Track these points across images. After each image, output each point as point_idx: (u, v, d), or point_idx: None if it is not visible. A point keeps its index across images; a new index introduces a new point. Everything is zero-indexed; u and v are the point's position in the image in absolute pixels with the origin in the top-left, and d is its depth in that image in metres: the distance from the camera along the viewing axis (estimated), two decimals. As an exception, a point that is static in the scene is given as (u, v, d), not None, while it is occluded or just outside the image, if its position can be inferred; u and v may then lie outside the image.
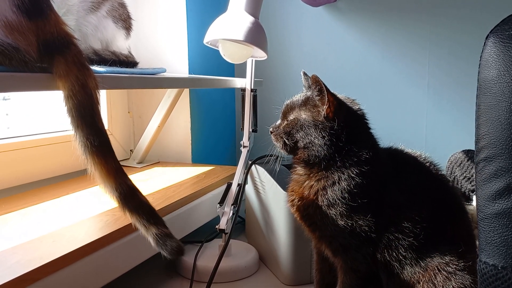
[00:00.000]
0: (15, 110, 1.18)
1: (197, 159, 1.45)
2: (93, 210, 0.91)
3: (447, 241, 0.71)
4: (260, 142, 0.81)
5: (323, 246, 0.77)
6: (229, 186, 1.05)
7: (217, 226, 1.00)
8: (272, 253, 1.05)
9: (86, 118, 0.64)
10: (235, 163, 1.15)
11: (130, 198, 0.68)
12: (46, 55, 0.63)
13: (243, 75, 1.17)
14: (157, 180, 1.19)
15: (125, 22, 1.08)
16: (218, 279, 0.97)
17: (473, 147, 0.54)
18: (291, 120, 0.76)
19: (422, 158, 0.78)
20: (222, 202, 1.03)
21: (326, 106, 0.72)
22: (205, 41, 1.00)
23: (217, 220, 1.02)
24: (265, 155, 1.18)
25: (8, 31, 0.59)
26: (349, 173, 0.71)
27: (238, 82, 1.26)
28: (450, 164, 1.17)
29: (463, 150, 1.17)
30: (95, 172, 0.66)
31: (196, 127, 1.44)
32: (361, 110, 0.78)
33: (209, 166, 1.36)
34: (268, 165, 1.10)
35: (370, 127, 0.78)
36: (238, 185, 1.05)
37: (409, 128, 1.46)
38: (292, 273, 0.99)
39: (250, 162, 1.13)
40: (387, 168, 0.75)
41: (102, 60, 0.96)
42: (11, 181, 1.03)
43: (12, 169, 1.03)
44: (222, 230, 0.99)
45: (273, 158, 0.82)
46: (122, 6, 1.08)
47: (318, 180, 0.74)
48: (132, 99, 1.44)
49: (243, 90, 1.17)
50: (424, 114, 1.45)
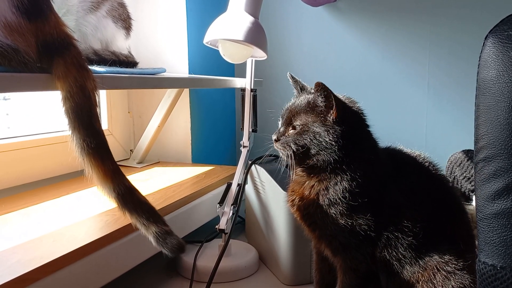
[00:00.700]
0: (16, 110, 1.18)
1: (197, 159, 1.45)
2: (93, 210, 0.91)
3: (447, 240, 0.71)
4: (260, 142, 0.80)
5: (323, 246, 0.78)
6: (229, 186, 1.05)
7: (217, 226, 1.00)
8: (272, 253, 1.05)
9: (83, 120, 0.64)
10: (235, 163, 1.15)
11: (128, 198, 0.68)
12: (46, 56, 0.63)
13: (243, 75, 1.17)
14: (157, 180, 1.19)
15: (125, 22, 1.08)
16: (218, 279, 0.97)
17: (473, 147, 0.54)
18: (300, 127, 0.73)
19: (421, 158, 0.78)
20: (222, 202, 1.03)
21: (334, 111, 0.72)
22: (205, 41, 1.00)
23: (217, 220, 1.03)
24: (267, 155, 1.19)
25: (7, 32, 0.58)
26: (351, 173, 0.71)
27: (238, 82, 1.26)
28: (450, 164, 1.17)
29: (463, 150, 1.17)
30: (93, 173, 0.66)
31: (196, 127, 1.44)
32: (360, 109, 0.78)
33: (209, 166, 1.37)
34: (268, 165, 1.10)
35: (369, 126, 0.78)
36: (238, 185, 1.05)
37: (409, 128, 1.46)
38: (292, 273, 0.99)
39: (250, 162, 1.13)
40: (387, 168, 0.75)
41: (102, 60, 0.96)
42: (12, 181, 1.03)
43: (12, 169, 1.03)
44: (222, 230, 0.99)
45: (282, 160, 0.78)
46: (122, 6, 1.09)
47: (320, 181, 0.74)
48: (132, 99, 1.44)
49: (243, 90, 1.17)
50: (424, 114, 1.45)
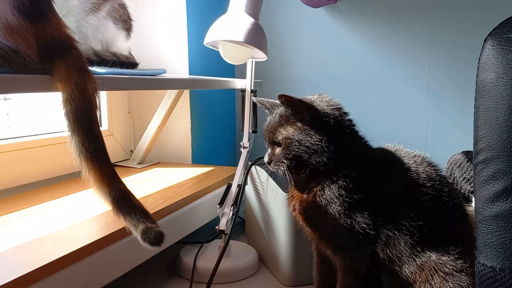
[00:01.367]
0: (16, 110, 1.18)
1: (197, 160, 1.45)
2: (93, 210, 0.91)
3: (445, 241, 0.71)
4: (260, 143, 0.80)
5: (323, 246, 0.78)
6: (229, 187, 1.05)
7: (217, 227, 1.00)
8: (271, 254, 1.05)
9: (83, 123, 0.64)
10: (235, 164, 1.15)
11: (123, 202, 0.69)
12: (46, 58, 0.63)
13: (243, 76, 1.18)
14: (157, 180, 1.19)
15: (125, 23, 1.08)
16: (217, 280, 0.97)
17: (472, 148, 0.54)
18: (284, 141, 0.74)
19: (419, 158, 0.78)
20: (222, 202, 1.03)
21: (304, 114, 0.73)
22: (205, 42, 1.01)
23: (217, 220, 1.03)
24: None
25: (8, 34, 0.58)
26: (344, 171, 0.72)
27: (238, 83, 1.26)
28: (450, 165, 1.17)
29: (463, 151, 1.18)
30: (89, 177, 0.66)
31: (196, 128, 1.44)
32: (338, 106, 0.77)
33: (209, 166, 1.37)
34: (268, 166, 1.10)
35: (353, 122, 0.78)
36: (238, 185, 1.05)
37: (409, 129, 1.46)
38: (291, 274, 1.00)
39: (250, 163, 1.14)
40: (382, 165, 0.75)
41: (102, 61, 0.96)
42: (12, 181, 1.03)
43: (12, 169, 1.03)
44: (222, 231, 0.99)
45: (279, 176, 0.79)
46: (123, 7, 1.09)
47: (317, 182, 0.74)
48: (132, 100, 1.44)
49: (243, 91, 1.17)
50: (424, 115, 1.45)
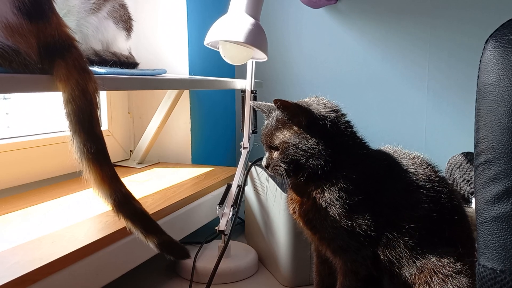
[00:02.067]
0: (15, 109, 1.18)
1: (197, 160, 1.45)
2: (93, 211, 0.91)
3: (445, 243, 0.71)
4: (260, 144, 0.80)
5: (324, 248, 0.78)
6: (229, 187, 1.05)
7: (216, 227, 1.00)
8: (271, 254, 1.05)
9: (84, 124, 0.64)
10: (235, 164, 1.15)
11: (124, 205, 0.69)
12: (47, 58, 0.63)
13: (244, 77, 1.18)
14: (157, 180, 1.19)
15: (125, 23, 1.08)
16: (217, 280, 0.97)
17: (472, 150, 0.54)
18: (281, 145, 0.74)
19: (418, 159, 0.78)
20: (221, 203, 1.03)
21: (300, 118, 0.72)
22: (205, 42, 1.01)
23: (216, 221, 1.03)
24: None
25: (8, 33, 0.58)
26: (343, 173, 0.71)
27: (238, 84, 1.26)
28: (450, 166, 1.17)
29: (463, 153, 1.18)
30: (90, 177, 0.67)
31: (196, 128, 1.44)
32: (335, 108, 0.77)
33: (209, 167, 1.37)
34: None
35: (351, 123, 0.77)
36: (238, 186, 1.05)
37: (408, 130, 1.46)
38: (291, 274, 0.99)
39: (250, 164, 1.13)
40: (381, 166, 0.75)
41: (102, 61, 0.96)
42: (11, 181, 1.03)
43: (12, 169, 1.03)
44: (222, 231, 0.99)
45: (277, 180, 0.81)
46: (123, 7, 1.09)
47: (316, 185, 0.74)
48: (132, 100, 1.44)
49: (243, 91, 1.17)
50: (423, 116, 1.45)
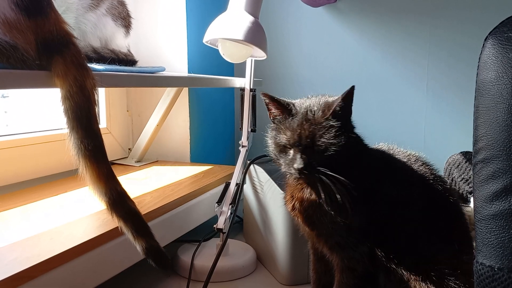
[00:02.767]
0: (14, 107, 1.18)
1: (195, 158, 1.45)
2: (91, 208, 0.91)
3: (440, 240, 0.71)
4: (258, 142, 0.80)
5: (321, 245, 0.78)
6: (227, 185, 1.05)
7: (215, 226, 1.00)
8: (269, 252, 1.05)
9: (82, 120, 0.64)
10: (234, 163, 1.15)
11: (118, 204, 0.69)
12: (45, 54, 0.63)
13: (243, 75, 1.17)
14: (155, 179, 1.19)
15: (124, 20, 1.08)
16: (215, 279, 0.97)
17: (471, 149, 0.54)
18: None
19: (413, 158, 0.78)
20: (220, 201, 1.03)
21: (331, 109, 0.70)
22: (204, 40, 1.00)
23: (215, 219, 1.02)
24: (263, 155, 1.19)
25: (6, 29, 0.58)
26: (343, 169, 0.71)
27: (238, 82, 1.26)
28: (448, 165, 1.17)
29: (461, 152, 1.18)
30: (86, 174, 0.66)
31: (195, 126, 1.44)
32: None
33: (207, 165, 1.36)
34: (266, 165, 1.10)
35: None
36: (237, 184, 1.05)
37: (408, 129, 1.46)
38: (289, 273, 0.99)
39: (248, 162, 1.13)
40: (379, 163, 0.75)
41: (101, 58, 0.96)
42: (9, 178, 1.03)
43: (10, 166, 1.03)
44: (220, 230, 0.99)
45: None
46: (122, 4, 1.09)
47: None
48: (131, 98, 1.44)
49: (242, 89, 1.17)
50: (423, 115, 1.45)
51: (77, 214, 0.87)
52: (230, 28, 0.95)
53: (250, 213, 1.16)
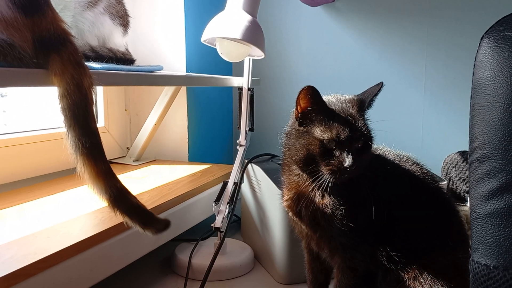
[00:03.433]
0: (13, 107, 1.17)
1: (193, 158, 1.45)
2: (88, 207, 0.91)
3: (434, 238, 0.71)
4: (256, 141, 0.80)
5: (322, 246, 0.77)
6: (225, 184, 1.05)
7: (212, 225, 1.00)
8: (267, 251, 1.05)
9: (79, 118, 0.64)
10: (232, 162, 1.15)
11: (120, 200, 0.69)
12: (42, 52, 0.63)
13: (241, 74, 1.17)
14: (153, 178, 1.19)
15: (122, 19, 1.08)
16: (212, 277, 0.97)
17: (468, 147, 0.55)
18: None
19: (404, 157, 0.78)
20: (218, 200, 1.03)
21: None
22: (202, 39, 1.00)
23: (212, 218, 1.03)
24: (261, 154, 1.19)
25: (3, 27, 0.58)
26: None
27: (236, 81, 1.26)
28: (446, 165, 1.18)
29: (459, 151, 1.18)
30: (84, 173, 0.66)
31: (193, 126, 1.44)
32: None
33: (205, 164, 1.36)
34: (264, 164, 1.10)
35: None
36: (234, 183, 1.05)
37: (405, 129, 1.47)
38: (286, 271, 1.00)
39: (246, 161, 1.13)
40: (376, 163, 0.75)
41: (98, 56, 0.96)
42: (7, 177, 1.03)
43: (8, 165, 1.03)
44: (218, 229, 0.99)
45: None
46: (120, 3, 1.08)
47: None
48: (129, 97, 1.44)
49: (240, 89, 1.17)
50: (420, 115, 1.45)
51: (74, 213, 0.87)
52: (228, 27, 0.95)
53: (247, 212, 1.17)
